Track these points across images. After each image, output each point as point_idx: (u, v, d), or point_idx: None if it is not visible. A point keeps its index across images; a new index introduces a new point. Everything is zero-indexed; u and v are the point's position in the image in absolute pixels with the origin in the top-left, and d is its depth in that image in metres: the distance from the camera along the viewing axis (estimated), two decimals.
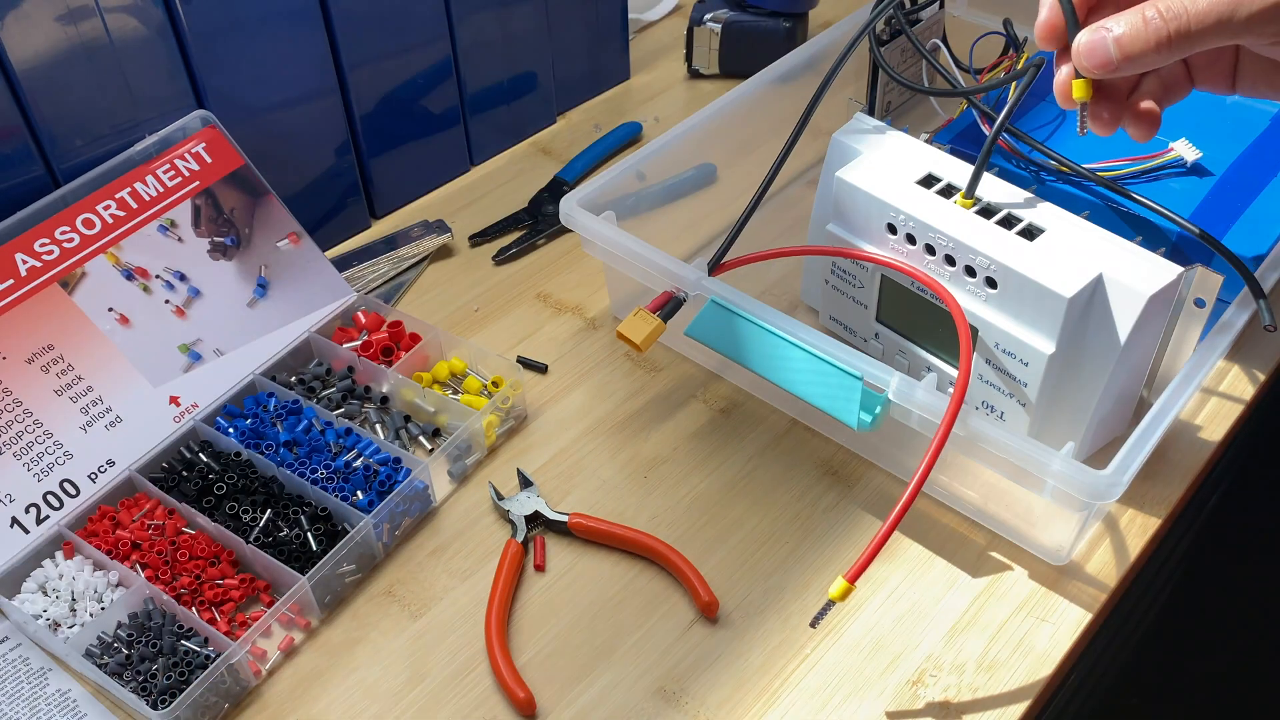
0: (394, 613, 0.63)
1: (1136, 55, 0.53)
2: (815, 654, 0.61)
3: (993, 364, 0.64)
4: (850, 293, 0.72)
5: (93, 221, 0.70)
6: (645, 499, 0.68)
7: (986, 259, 0.61)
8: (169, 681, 0.58)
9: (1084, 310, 0.60)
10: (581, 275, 0.85)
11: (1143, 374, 0.66)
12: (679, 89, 1.04)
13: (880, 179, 0.66)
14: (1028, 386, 0.63)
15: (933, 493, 0.68)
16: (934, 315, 0.66)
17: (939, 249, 0.63)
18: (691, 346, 0.76)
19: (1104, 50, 0.53)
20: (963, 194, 0.64)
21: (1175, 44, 0.52)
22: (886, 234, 0.66)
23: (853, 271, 0.70)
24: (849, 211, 0.68)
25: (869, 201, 0.66)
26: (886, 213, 0.65)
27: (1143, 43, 0.52)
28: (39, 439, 0.65)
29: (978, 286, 0.63)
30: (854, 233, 0.68)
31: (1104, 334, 0.60)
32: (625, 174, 0.76)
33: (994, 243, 0.61)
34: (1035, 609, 0.62)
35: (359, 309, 0.77)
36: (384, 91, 0.85)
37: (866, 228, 0.67)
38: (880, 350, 0.72)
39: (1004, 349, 0.63)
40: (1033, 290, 0.60)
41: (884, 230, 0.66)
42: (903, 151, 0.68)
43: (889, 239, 0.66)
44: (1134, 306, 0.59)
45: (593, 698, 0.59)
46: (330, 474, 0.67)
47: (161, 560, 0.63)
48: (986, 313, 0.63)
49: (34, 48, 0.66)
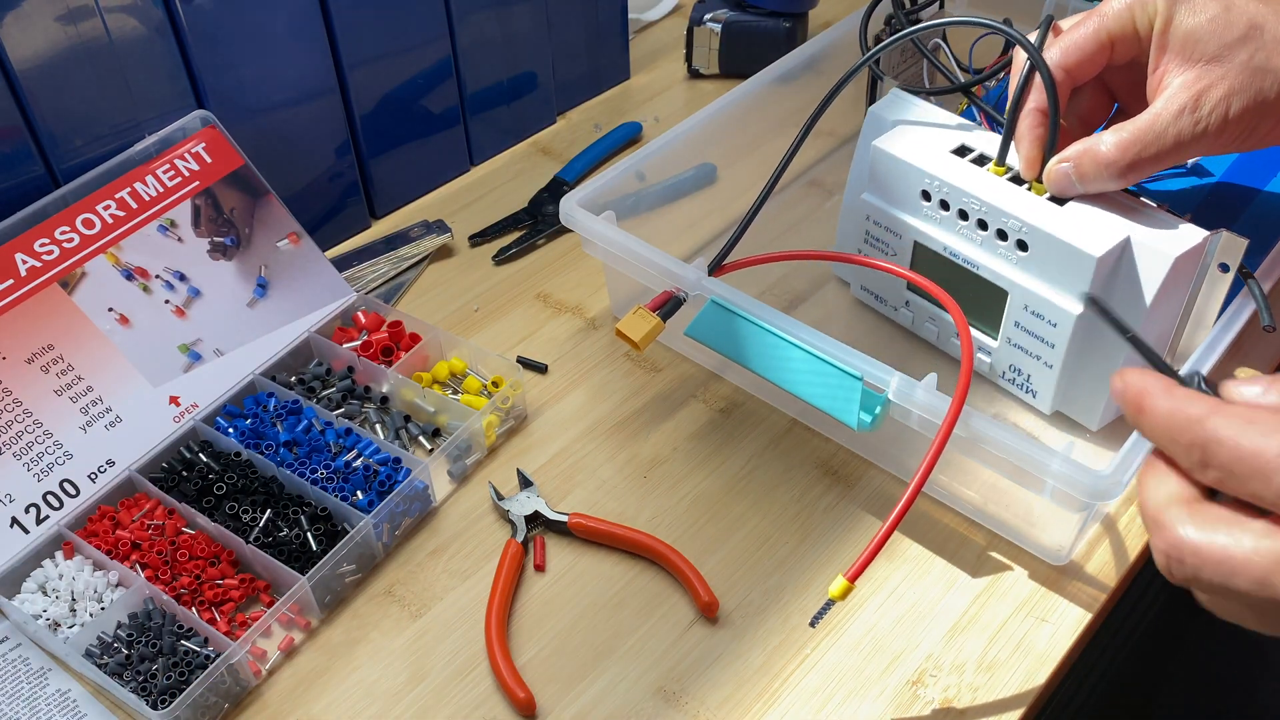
0: (394, 613, 0.63)
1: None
2: (815, 654, 0.61)
3: (1021, 326, 0.66)
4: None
5: (93, 221, 0.70)
6: (645, 499, 0.68)
7: (1019, 222, 0.63)
8: (169, 681, 0.57)
9: (1112, 270, 0.62)
10: (581, 275, 0.85)
11: (1167, 339, 0.66)
12: (679, 89, 1.04)
13: (916, 148, 0.68)
14: (1055, 348, 0.65)
15: (933, 493, 0.68)
16: (966, 282, 0.67)
17: (971, 214, 0.65)
18: (691, 346, 0.76)
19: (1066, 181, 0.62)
20: (995, 162, 0.66)
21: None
22: (921, 201, 0.68)
23: (886, 240, 0.72)
24: (884, 180, 0.70)
25: (904, 169, 0.68)
26: (921, 180, 0.67)
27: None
28: (39, 439, 0.65)
29: (1009, 250, 0.65)
30: (889, 201, 0.70)
31: (1131, 295, 0.62)
32: (625, 174, 0.76)
33: (1025, 206, 0.63)
34: (1035, 609, 0.62)
35: (359, 309, 0.77)
36: (384, 91, 0.85)
37: (900, 195, 0.69)
38: (910, 319, 0.74)
39: (1033, 310, 0.65)
40: (1062, 251, 0.62)
41: (918, 197, 0.68)
42: (937, 124, 0.70)
43: (923, 206, 0.68)
44: (1160, 268, 0.60)
45: (593, 698, 0.59)
46: (330, 474, 0.67)
47: (161, 560, 0.63)
48: (1017, 275, 0.65)
49: (34, 48, 0.66)
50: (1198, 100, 0.57)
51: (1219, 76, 0.57)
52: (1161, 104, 0.58)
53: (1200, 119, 0.57)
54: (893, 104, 0.72)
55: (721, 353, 0.67)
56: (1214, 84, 0.57)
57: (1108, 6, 0.61)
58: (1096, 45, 0.61)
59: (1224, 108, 0.57)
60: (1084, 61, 0.62)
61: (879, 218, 0.71)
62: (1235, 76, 0.57)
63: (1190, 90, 0.57)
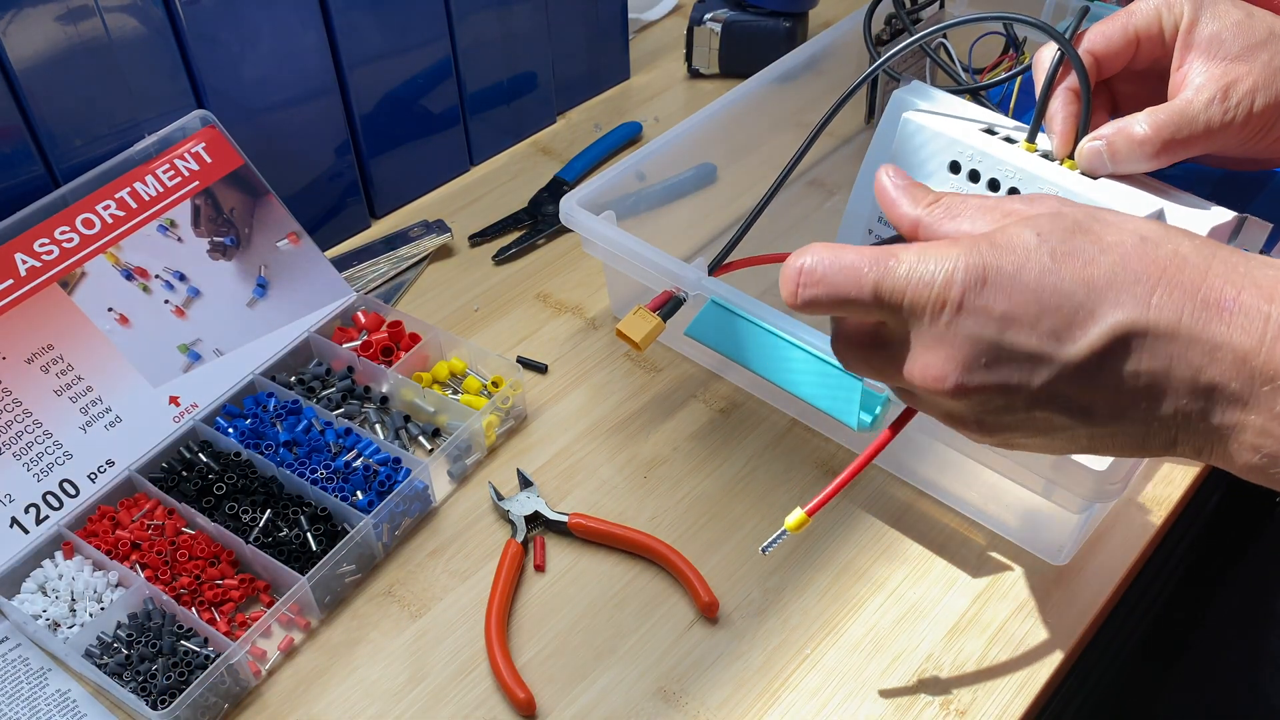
0: (394, 613, 0.63)
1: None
2: (815, 654, 0.61)
3: None
4: None
5: (92, 221, 0.70)
6: (645, 499, 0.68)
7: (1054, 187, 0.62)
8: (169, 682, 0.57)
9: None
10: (581, 275, 0.84)
11: None
12: (679, 89, 1.04)
13: (946, 122, 0.67)
14: None
15: (933, 493, 0.68)
16: None
17: (1004, 184, 0.64)
18: (691, 346, 0.76)
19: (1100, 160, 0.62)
20: (1025, 139, 0.65)
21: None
22: (948, 173, 0.67)
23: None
24: (911, 152, 0.68)
25: (935, 139, 0.67)
26: (954, 149, 0.66)
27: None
28: (39, 439, 0.65)
29: None
30: (913, 173, 0.69)
31: None
32: (625, 174, 0.76)
33: (1059, 176, 0.63)
34: (1035, 609, 0.62)
35: (359, 309, 0.77)
36: (384, 91, 0.85)
37: (927, 167, 0.68)
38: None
39: None
40: None
41: (945, 169, 0.67)
42: (962, 109, 0.69)
43: (950, 179, 0.67)
44: None
45: (593, 698, 0.59)
46: (330, 474, 0.67)
47: (161, 560, 0.63)
48: None
49: (34, 48, 0.66)
50: (1226, 91, 0.59)
51: (1245, 72, 0.59)
52: (1192, 93, 0.60)
53: (1229, 109, 0.59)
54: (915, 91, 0.71)
55: (721, 353, 0.67)
56: (1240, 78, 0.59)
57: (1136, 6, 0.63)
58: (1124, 39, 0.62)
59: (1250, 101, 0.59)
60: (1110, 52, 0.63)
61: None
62: (1259, 74, 0.59)
63: (1218, 83, 0.59)
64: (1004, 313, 0.42)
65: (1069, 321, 0.41)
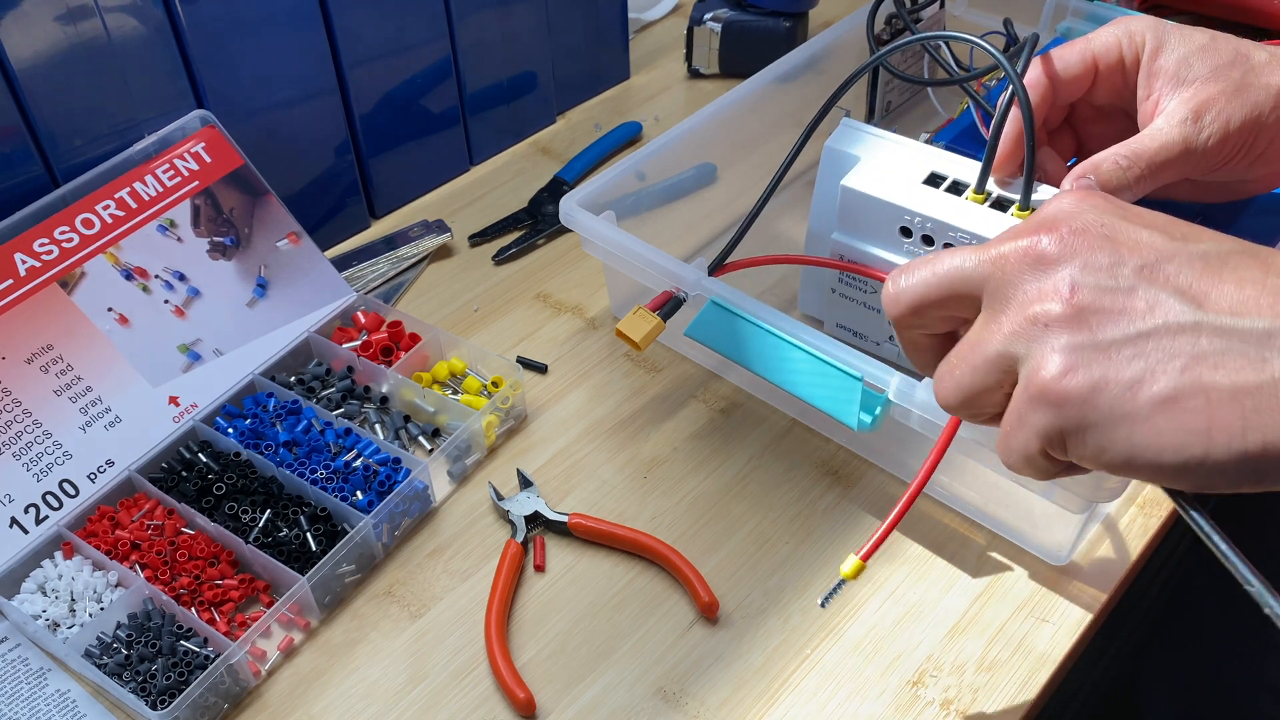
0: (394, 613, 0.63)
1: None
2: (815, 654, 0.60)
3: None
4: (860, 299, 0.71)
5: (92, 221, 0.70)
6: (645, 499, 0.68)
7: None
8: (168, 682, 0.57)
9: None
10: (581, 275, 0.84)
11: None
12: (679, 89, 1.04)
13: (887, 183, 0.66)
14: None
15: (933, 493, 0.68)
16: None
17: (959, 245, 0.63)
18: (691, 346, 0.76)
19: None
20: (973, 189, 0.63)
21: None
22: (900, 238, 0.65)
23: (862, 280, 0.70)
24: (857, 218, 0.67)
25: (880, 207, 0.65)
26: (900, 216, 0.65)
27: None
28: (38, 439, 0.65)
29: None
30: (864, 239, 0.68)
31: None
32: (625, 174, 0.76)
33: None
34: (1035, 609, 0.62)
35: (358, 309, 0.77)
36: (384, 91, 0.85)
37: (877, 233, 0.67)
38: (896, 352, 0.72)
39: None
40: None
41: (896, 234, 0.65)
42: (900, 154, 0.67)
43: (904, 242, 0.66)
44: None
45: (593, 698, 0.59)
46: (330, 474, 0.67)
47: (161, 560, 0.63)
48: None
49: (34, 48, 0.66)
50: (1199, 113, 0.57)
51: (1217, 92, 0.57)
52: (1163, 119, 0.58)
53: (1203, 128, 0.57)
54: (846, 136, 0.70)
55: (721, 353, 0.67)
56: (1212, 98, 0.57)
57: (1098, 33, 0.62)
58: (1082, 64, 0.61)
59: (1224, 119, 0.57)
60: (1068, 77, 0.61)
61: (853, 257, 0.69)
62: (1231, 93, 0.57)
63: (1190, 105, 0.58)
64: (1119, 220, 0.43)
65: (1198, 232, 0.42)
